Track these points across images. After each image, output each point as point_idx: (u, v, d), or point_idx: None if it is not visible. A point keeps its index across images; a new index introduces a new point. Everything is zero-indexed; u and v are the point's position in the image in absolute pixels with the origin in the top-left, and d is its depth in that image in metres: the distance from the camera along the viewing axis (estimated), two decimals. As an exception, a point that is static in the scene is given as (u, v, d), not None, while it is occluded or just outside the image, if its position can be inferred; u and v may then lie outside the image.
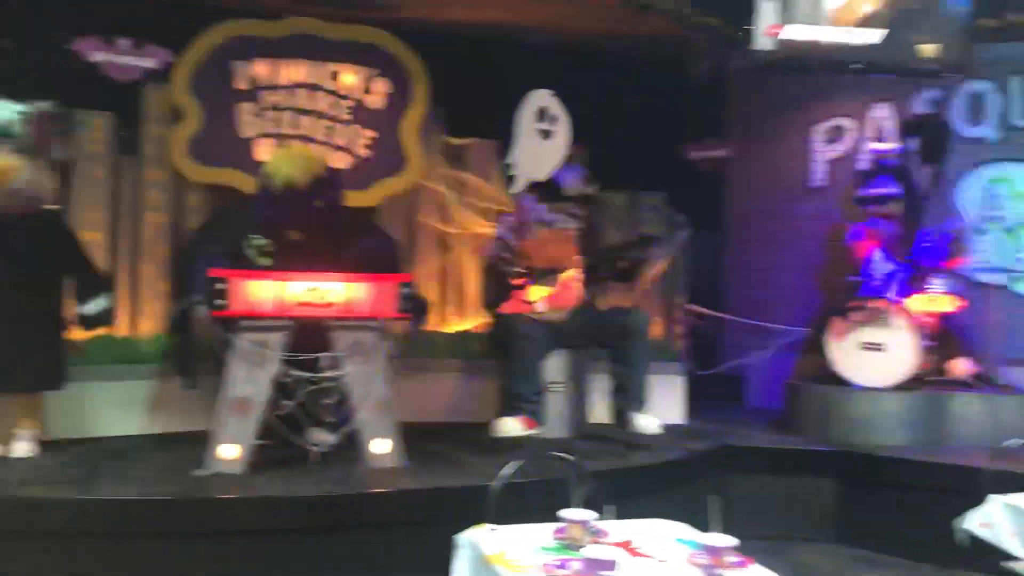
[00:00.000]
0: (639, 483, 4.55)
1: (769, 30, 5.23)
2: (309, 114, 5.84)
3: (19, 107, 4.50)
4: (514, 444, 4.71)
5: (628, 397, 5.07)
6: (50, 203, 4.86)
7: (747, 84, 6.98)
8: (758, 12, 5.22)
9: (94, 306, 4.74)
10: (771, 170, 7.07)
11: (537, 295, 5.09)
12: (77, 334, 4.87)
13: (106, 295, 4.82)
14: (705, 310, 6.51)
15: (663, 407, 5.46)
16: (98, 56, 4.46)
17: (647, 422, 4.99)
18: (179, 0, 5.64)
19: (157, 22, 5.25)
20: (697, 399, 6.16)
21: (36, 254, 4.60)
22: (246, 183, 5.46)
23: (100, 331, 5.01)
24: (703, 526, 2.72)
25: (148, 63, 4.66)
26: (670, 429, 5.34)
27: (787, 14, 5.22)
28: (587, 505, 2.90)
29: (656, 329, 6.00)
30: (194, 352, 4.70)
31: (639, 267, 5.46)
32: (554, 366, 5.21)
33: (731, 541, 2.40)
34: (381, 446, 4.45)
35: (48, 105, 4.57)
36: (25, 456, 4.51)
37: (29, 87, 4.74)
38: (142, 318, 5.49)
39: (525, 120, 4.79)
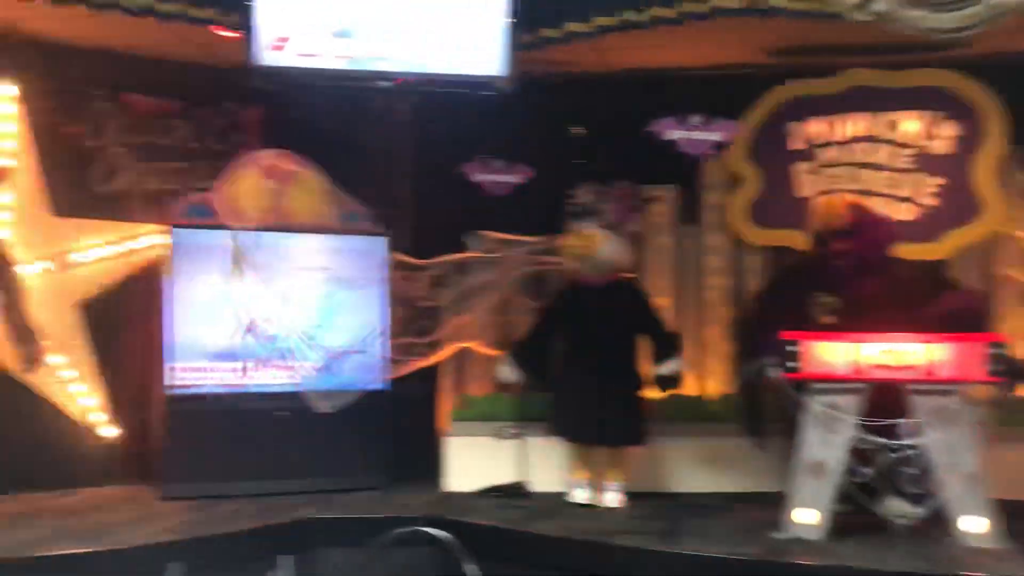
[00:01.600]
0: None
1: None
2: (868, 167, 5.62)
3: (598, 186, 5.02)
4: None
5: None
6: (626, 271, 5.32)
7: None
8: None
9: (668, 368, 5.04)
10: None
11: None
12: (653, 393, 5.23)
13: (678, 358, 5.09)
14: None
15: None
16: (673, 135, 4.81)
17: None
18: (734, 72, 5.83)
19: (717, 95, 5.48)
20: None
21: (617, 318, 5.06)
22: (806, 242, 5.41)
23: (672, 391, 5.29)
24: None
25: (716, 136, 4.90)
26: None
27: None
28: None
29: None
30: (764, 413, 4.73)
31: None
32: None
33: None
34: (974, 524, 4.02)
35: (625, 184, 5.01)
36: (614, 506, 4.91)
37: (606, 166, 5.27)
38: (709, 378, 5.69)
39: None
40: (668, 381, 5.13)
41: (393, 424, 5.48)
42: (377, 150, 6.06)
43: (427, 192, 6.04)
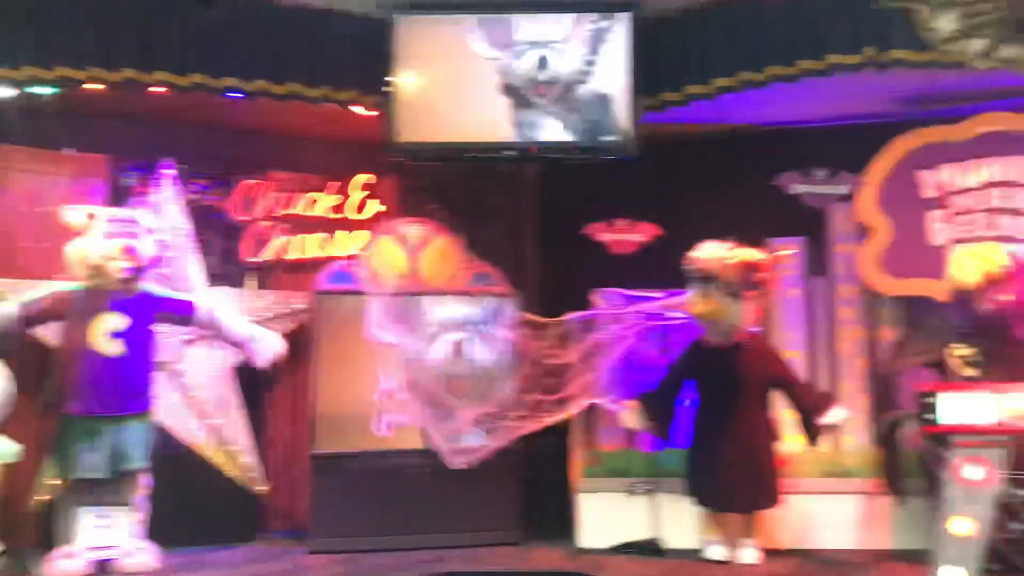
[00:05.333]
0: None
1: None
2: (1007, 213, 5.46)
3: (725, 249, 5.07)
4: None
5: None
6: (752, 329, 5.29)
7: None
8: None
9: (831, 417, 4.96)
10: None
11: None
12: (795, 445, 5.17)
13: (837, 407, 5.02)
14: None
15: None
16: (798, 188, 4.82)
17: None
18: (857, 123, 5.80)
19: (843, 146, 5.47)
20: None
21: (747, 379, 5.05)
22: (941, 292, 5.30)
23: (810, 446, 5.21)
24: None
25: (841, 189, 4.89)
26: None
27: None
28: None
29: None
30: (902, 468, 4.62)
31: None
32: None
33: None
34: None
35: (749, 250, 5.04)
36: (750, 562, 4.86)
37: (736, 222, 5.31)
38: (845, 433, 5.54)
39: None
40: (820, 432, 5.06)
41: (525, 481, 5.60)
42: (505, 213, 6.29)
43: (553, 252, 6.21)
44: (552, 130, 5.10)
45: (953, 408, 4.10)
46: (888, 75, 4.66)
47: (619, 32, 4.92)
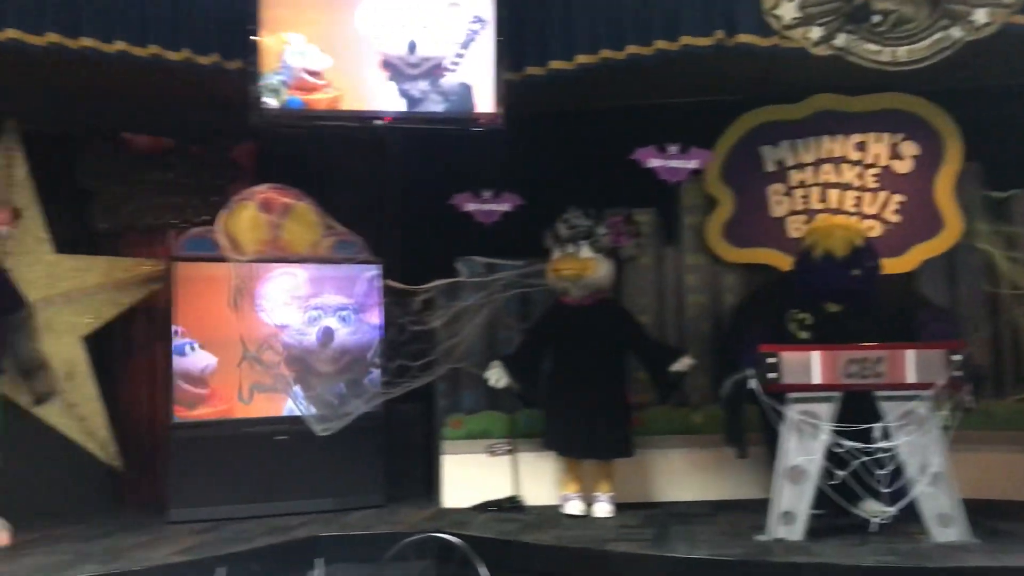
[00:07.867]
0: None
1: None
2: (836, 187, 5.92)
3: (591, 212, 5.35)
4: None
5: None
6: (609, 292, 5.56)
7: None
8: None
9: (680, 365, 5.23)
10: None
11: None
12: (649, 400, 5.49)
13: (688, 356, 5.28)
14: None
15: None
16: (653, 163, 5.07)
17: None
18: (707, 101, 6.14)
19: (690, 123, 5.77)
20: None
21: (604, 337, 5.32)
22: (780, 260, 5.73)
23: (677, 391, 5.49)
24: None
25: (693, 164, 5.17)
26: None
27: None
28: None
29: None
30: (745, 424, 4.98)
31: None
32: None
33: None
34: (944, 520, 4.29)
35: (618, 210, 5.30)
36: (605, 516, 5.15)
37: (594, 193, 5.56)
38: (692, 392, 5.90)
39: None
40: (676, 381, 5.33)
41: (389, 444, 5.70)
42: (369, 182, 6.30)
43: (417, 221, 6.28)
44: (423, 102, 5.17)
45: (790, 367, 4.47)
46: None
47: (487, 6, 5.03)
